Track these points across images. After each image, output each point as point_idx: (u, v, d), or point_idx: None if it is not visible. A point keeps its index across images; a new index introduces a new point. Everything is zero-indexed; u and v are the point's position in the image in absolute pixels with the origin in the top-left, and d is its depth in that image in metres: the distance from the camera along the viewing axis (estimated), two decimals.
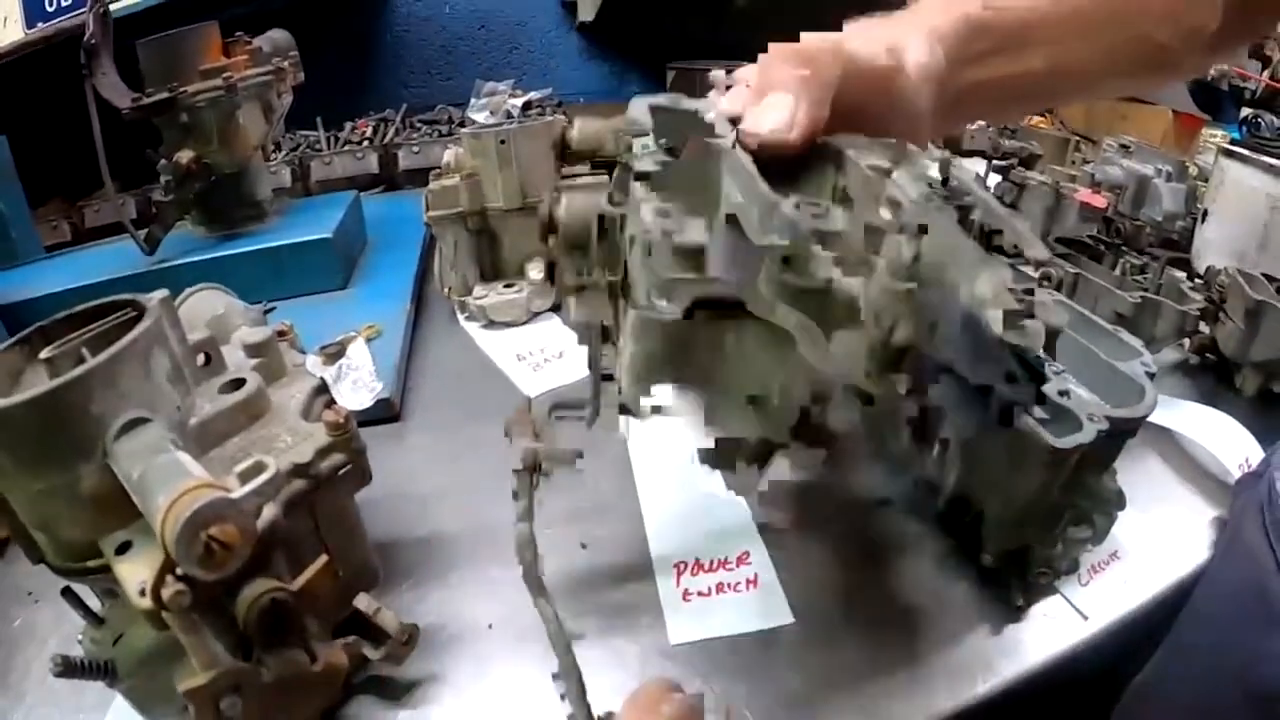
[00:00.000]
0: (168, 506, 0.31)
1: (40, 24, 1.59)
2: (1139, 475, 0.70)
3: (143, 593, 0.35)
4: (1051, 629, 0.57)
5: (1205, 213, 1.16)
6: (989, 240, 0.38)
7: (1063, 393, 0.58)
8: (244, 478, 0.36)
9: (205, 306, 0.56)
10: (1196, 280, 0.90)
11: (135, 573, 0.37)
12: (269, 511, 0.38)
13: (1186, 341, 0.89)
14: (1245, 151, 1.11)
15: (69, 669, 0.43)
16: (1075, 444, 0.53)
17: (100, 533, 0.40)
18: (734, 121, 0.43)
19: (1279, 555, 0.54)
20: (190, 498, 0.31)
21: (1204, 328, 0.87)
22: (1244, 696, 0.53)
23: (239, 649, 0.37)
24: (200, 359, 0.48)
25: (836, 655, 0.54)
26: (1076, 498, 0.57)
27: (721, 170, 0.40)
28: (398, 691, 0.51)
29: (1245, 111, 2.54)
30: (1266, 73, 2.66)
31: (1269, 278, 0.86)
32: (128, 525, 0.40)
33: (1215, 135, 2.05)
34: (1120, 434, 0.56)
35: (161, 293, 0.45)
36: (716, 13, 1.86)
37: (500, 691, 0.52)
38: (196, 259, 1.04)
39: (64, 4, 1.57)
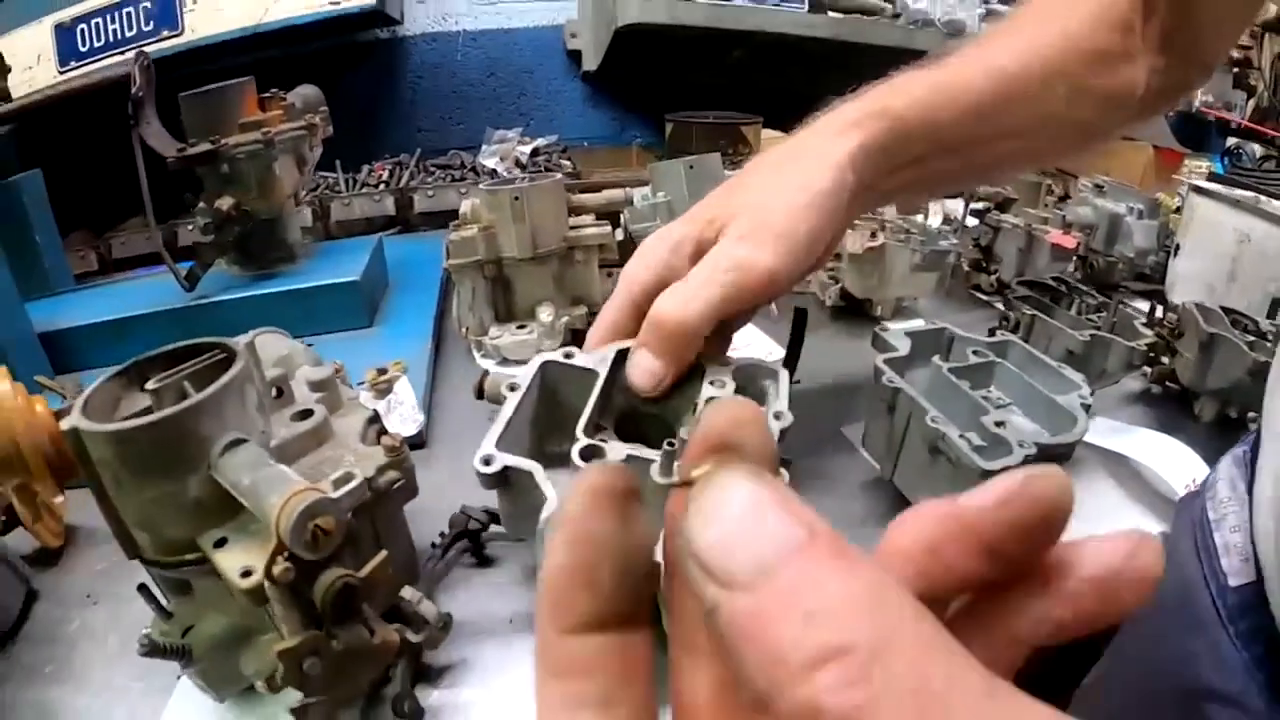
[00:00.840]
0: (282, 503, 0.42)
1: (73, 62, 1.72)
2: (1091, 495, 0.80)
3: (245, 574, 0.45)
4: None
5: (1177, 247, 1.24)
6: None
7: (999, 423, 0.66)
8: (337, 484, 0.47)
9: (272, 346, 0.66)
10: (1161, 313, 0.98)
11: (234, 561, 0.47)
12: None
13: (1149, 371, 0.96)
14: (1214, 187, 1.20)
15: (154, 649, 0.52)
16: (1002, 466, 0.61)
17: (199, 531, 0.50)
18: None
19: (1205, 567, 0.59)
20: (300, 497, 0.42)
21: (1165, 359, 0.95)
22: (1175, 694, 0.59)
23: (313, 624, 0.47)
24: (274, 391, 0.59)
25: None
26: None
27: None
28: (432, 674, 0.60)
29: (1230, 141, 2.65)
30: (1252, 101, 2.77)
31: (1226, 310, 0.93)
32: (223, 525, 0.50)
33: (1200, 166, 2.14)
34: (1051, 458, 0.64)
35: (248, 337, 0.56)
36: (713, 64, 1.98)
37: (519, 675, 0.61)
38: (232, 297, 1.14)
39: (96, 45, 1.70)
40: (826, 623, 0.16)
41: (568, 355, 0.64)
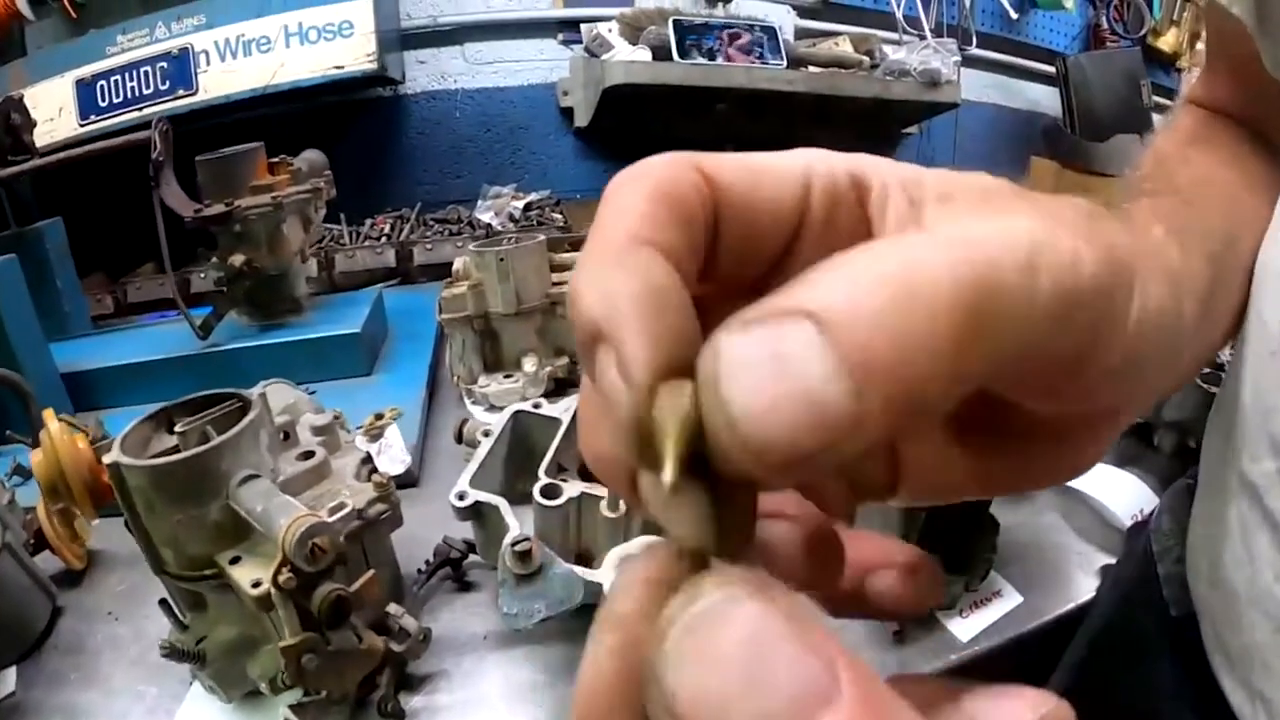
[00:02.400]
0: (288, 525, 0.54)
1: (93, 116, 1.85)
2: (1037, 528, 0.88)
3: (255, 584, 0.57)
4: (928, 654, 0.72)
5: None
6: None
7: None
8: (332, 511, 0.59)
9: (280, 395, 0.79)
10: None
11: (247, 574, 0.59)
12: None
13: None
14: None
15: (173, 653, 0.63)
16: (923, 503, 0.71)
17: (217, 550, 0.62)
18: None
19: (1149, 598, 0.60)
20: (302, 520, 0.54)
21: None
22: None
23: (313, 629, 0.59)
24: (282, 435, 0.71)
25: None
26: (950, 545, 0.71)
27: None
28: (414, 682, 0.71)
29: None
30: None
31: None
32: (237, 545, 0.62)
33: None
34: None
35: (257, 389, 0.68)
36: (698, 116, 2.09)
37: (491, 685, 0.71)
38: (243, 345, 1.27)
39: (115, 101, 1.83)
40: None
41: (536, 405, 0.76)
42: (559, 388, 1.21)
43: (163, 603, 0.67)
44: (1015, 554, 0.82)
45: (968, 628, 0.74)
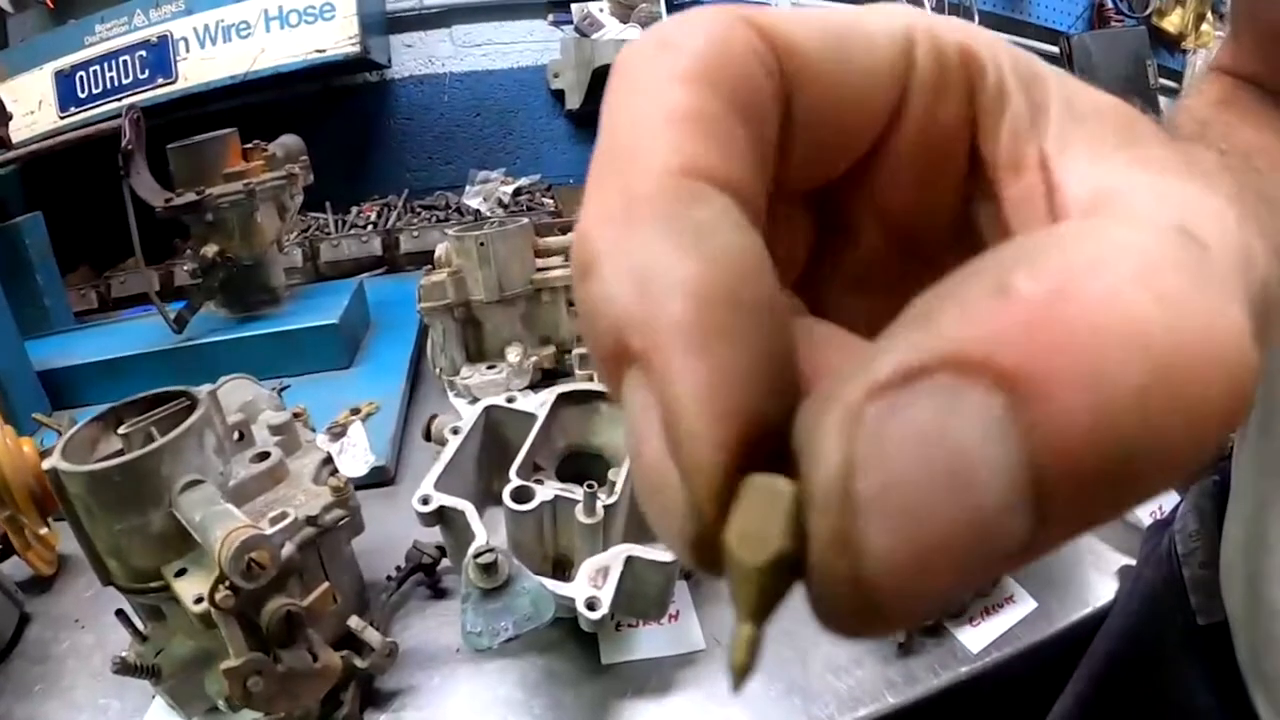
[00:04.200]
0: (223, 538, 0.49)
1: (73, 108, 1.81)
2: None
3: (198, 600, 0.52)
4: (937, 664, 0.68)
5: None
6: None
7: None
8: (273, 522, 0.54)
9: (238, 393, 0.74)
10: None
11: (190, 588, 0.54)
12: (288, 548, 0.55)
13: None
14: None
15: (125, 668, 0.59)
16: None
17: (162, 561, 0.57)
18: None
19: (1173, 603, 0.57)
20: (239, 532, 0.49)
21: None
22: None
23: (261, 647, 0.54)
24: (236, 435, 0.66)
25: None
26: None
27: None
28: (379, 699, 0.67)
29: None
30: None
31: None
32: (183, 556, 0.57)
33: None
34: None
35: (209, 387, 0.63)
36: None
37: (462, 701, 0.67)
38: (219, 339, 1.23)
39: (94, 92, 1.79)
40: None
41: (510, 400, 0.71)
42: (546, 378, 1.16)
43: (119, 613, 0.63)
44: None
45: (979, 637, 0.69)
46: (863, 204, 0.20)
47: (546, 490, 0.60)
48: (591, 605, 0.53)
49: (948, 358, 0.11)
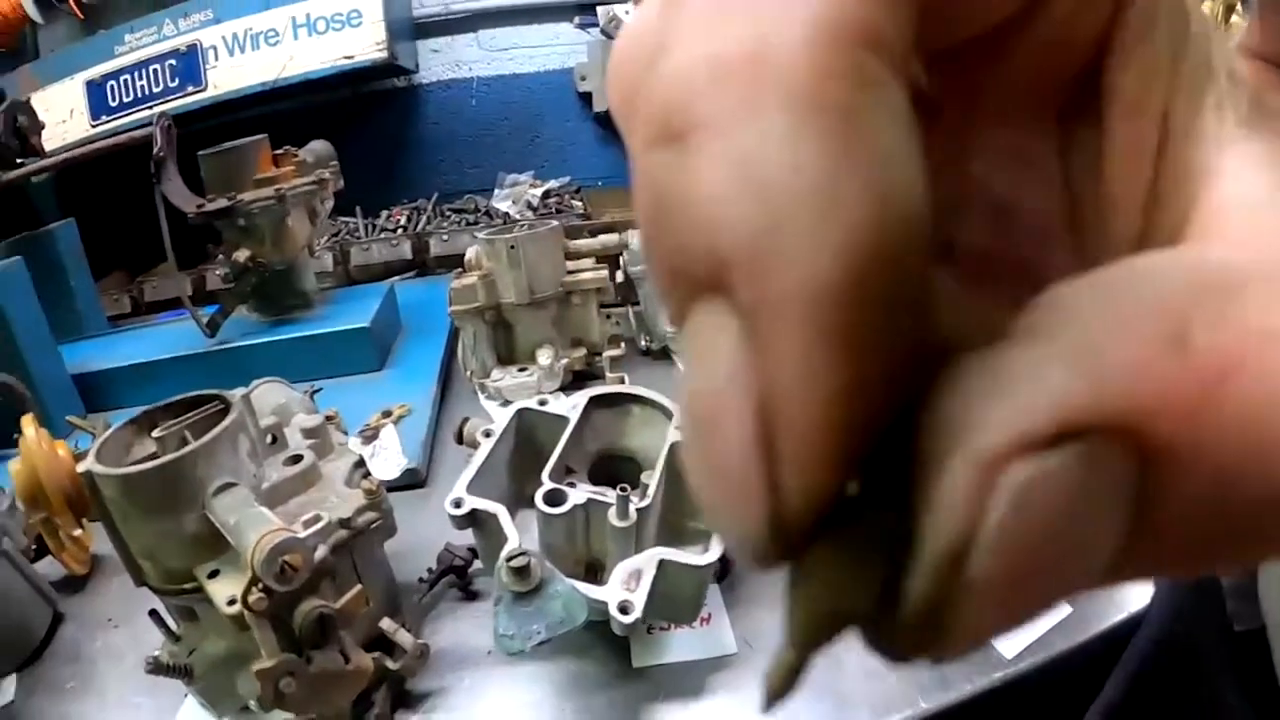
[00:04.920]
0: (257, 541, 0.49)
1: (104, 117, 1.84)
2: None
3: (231, 602, 0.52)
4: (972, 669, 0.66)
5: None
6: None
7: None
8: (306, 525, 0.54)
9: (271, 396, 0.74)
10: None
11: (224, 590, 0.54)
12: (321, 551, 0.55)
13: None
14: None
15: (159, 668, 0.59)
16: None
17: (195, 562, 0.57)
18: None
19: (1207, 609, 0.54)
20: (272, 535, 0.49)
21: None
22: None
23: (294, 648, 0.54)
24: (269, 438, 0.66)
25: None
26: None
27: None
28: (411, 700, 0.66)
29: None
30: None
31: None
32: (216, 558, 0.57)
33: None
34: None
35: (242, 390, 0.63)
36: None
37: (493, 704, 0.67)
38: (251, 342, 1.24)
39: (125, 100, 1.82)
40: None
41: (542, 402, 0.71)
42: (577, 380, 1.16)
43: (153, 613, 0.63)
44: None
45: (1013, 642, 0.68)
46: (954, 93, 0.17)
47: (579, 493, 0.59)
48: (624, 609, 0.52)
49: (1116, 413, 0.09)
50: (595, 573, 0.64)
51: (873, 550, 0.10)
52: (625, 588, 0.53)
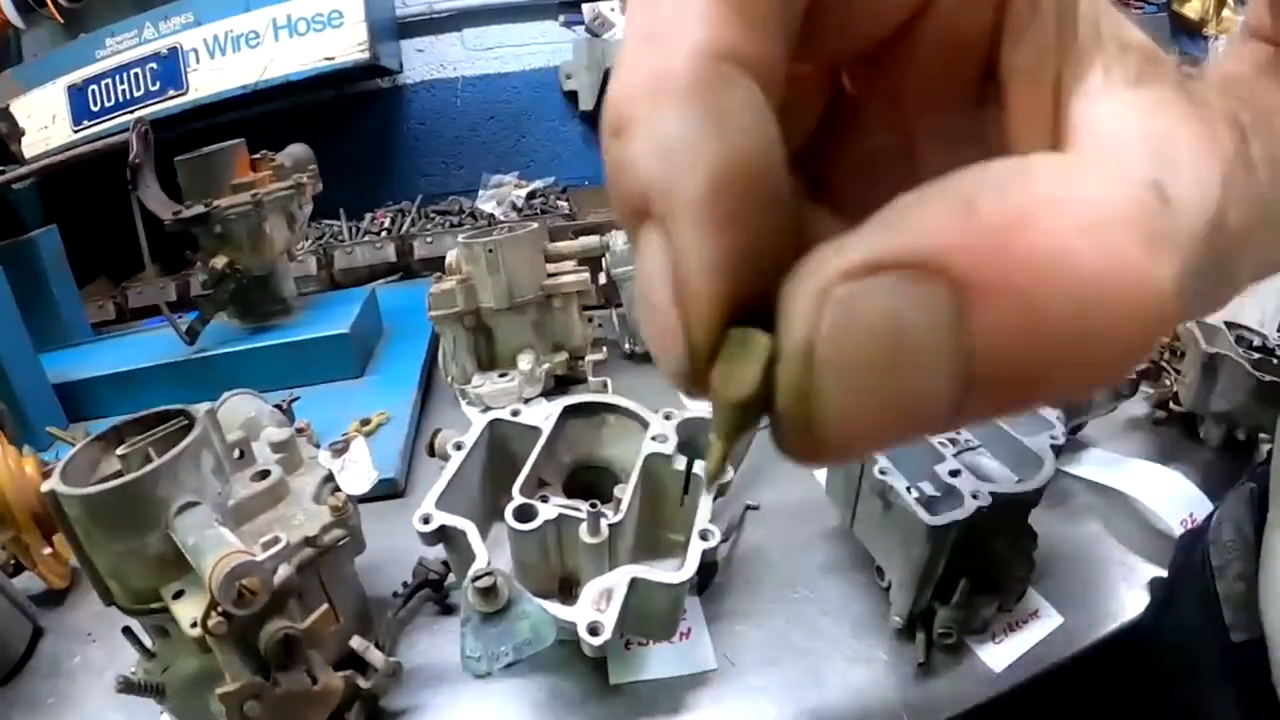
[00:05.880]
0: (214, 564, 0.48)
1: (86, 122, 1.82)
2: (1078, 537, 0.79)
3: (194, 624, 0.51)
4: (959, 684, 0.65)
5: None
6: None
7: (954, 472, 0.64)
8: (265, 547, 0.53)
9: (241, 408, 0.73)
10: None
11: (187, 611, 0.53)
12: (284, 570, 0.54)
13: (1150, 392, 0.94)
14: None
15: (129, 687, 0.58)
16: (950, 520, 0.59)
17: (160, 583, 0.56)
18: None
19: (1205, 618, 0.55)
20: (229, 559, 0.48)
21: (1168, 382, 0.93)
22: None
23: (260, 669, 0.53)
24: (236, 453, 0.65)
25: (752, 698, 0.65)
26: (983, 564, 0.64)
27: None
28: (385, 717, 0.65)
29: None
30: None
31: (1233, 325, 0.91)
32: (181, 578, 0.56)
33: None
34: (1014, 506, 0.63)
35: (207, 405, 0.62)
36: None
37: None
38: (230, 350, 1.22)
39: (107, 105, 1.80)
40: None
41: (514, 413, 0.70)
42: (559, 385, 1.15)
43: (127, 630, 0.62)
44: (1054, 568, 0.75)
45: (1002, 655, 0.67)
46: (879, 91, 0.22)
47: (550, 509, 0.58)
48: (594, 630, 0.51)
49: (912, 256, 0.13)
50: (571, 588, 0.63)
51: (757, 360, 0.15)
52: (596, 608, 0.52)
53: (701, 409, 0.69)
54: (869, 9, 0.19)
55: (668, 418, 0.68)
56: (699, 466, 0.54)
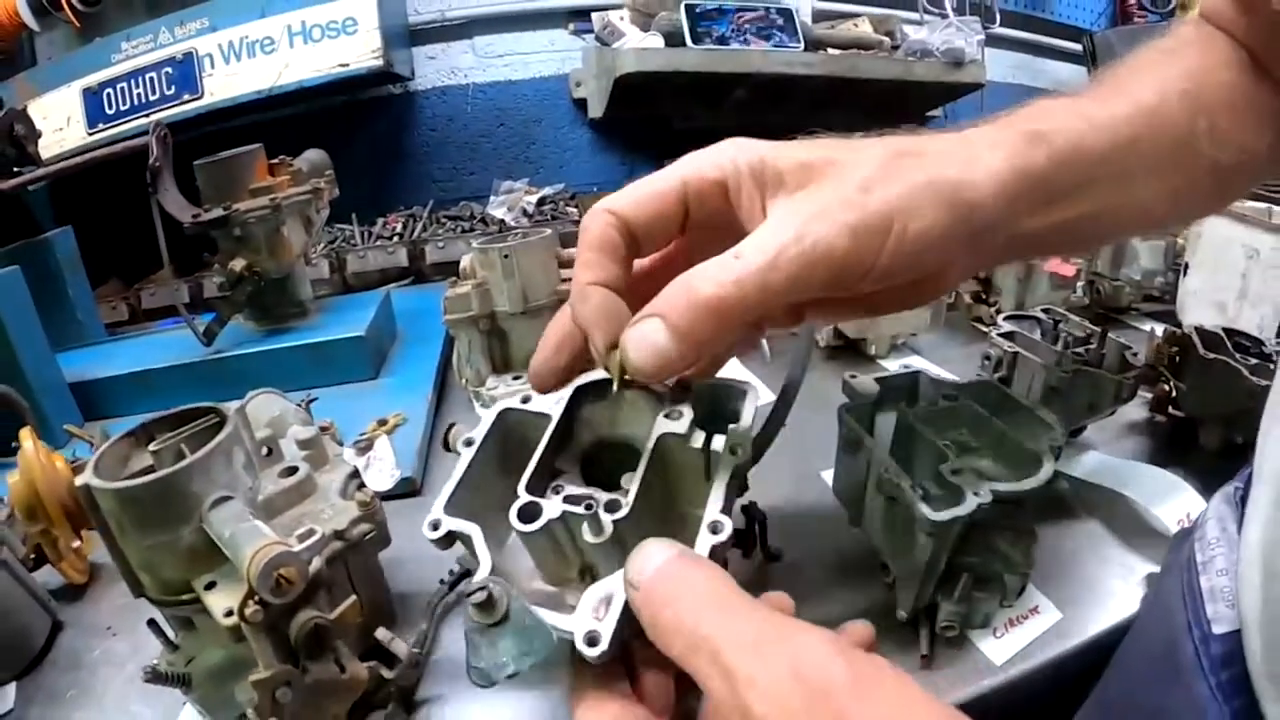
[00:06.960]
0: (253, 555, 0.50)
1: (101, 125, 1.84)
2: (1078, 536, 0.81)
3: (228, 614, 0.53)
4: (961, 678, 0.66)
5: (1186, 266, 1.23)
6: None
7: (956, 471, 0.65)
8: (301, 539, 0.55)
9: (266, 407, 0.75)
10: (1162, 334, 0.96)
11: (220, 601, 0.55)
12: (316, 563, 0.56)
13: (1149, 396, 0.95)
14: None
15: (156, 677, 0.60)
16: (952, 517, 0.60)
17: (192, 574, 0.58)
18: None
19: (1189, 613, 0.57)
20: (268, 549, 0.50)
21: (1167, 386, 0.94)
22: None
23: (290, 658, 0.55)
24: (265, 450, 0.67)
25: None
26: (983, 560, 0.66)
27: None
28: (409, 708, 0.67)
29: None
30: None
31: (1230, 331, 0.92)
32: (213, 570, 0.57)
33: None
34: (1013, 504, 0.64)
35: (238, 403, 0.64)
36: (716, 103, 2.05)
37: (491, 712, 0.67)
38: (247, 351, 1.24)
39: (122, 108, 1.82)
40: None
41: (524, 400, 0.70)
42: None
43: (151, 623, 0.64)
44: (1054, 566, 0.76)
45: (1003, 649, 0.68)
46: (682, 253, 0.54)
47: (553, 507, 0.58)
48: (592, 641, 0.50)
49: (655, 310, 0.44)
50: (593, 576, 0.63)
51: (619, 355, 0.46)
52: (594, 615, 0.51)
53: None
54: (659, 231, 0.50)
55: (683, 389, 0.68)
56: (718, 442, 0.54)
